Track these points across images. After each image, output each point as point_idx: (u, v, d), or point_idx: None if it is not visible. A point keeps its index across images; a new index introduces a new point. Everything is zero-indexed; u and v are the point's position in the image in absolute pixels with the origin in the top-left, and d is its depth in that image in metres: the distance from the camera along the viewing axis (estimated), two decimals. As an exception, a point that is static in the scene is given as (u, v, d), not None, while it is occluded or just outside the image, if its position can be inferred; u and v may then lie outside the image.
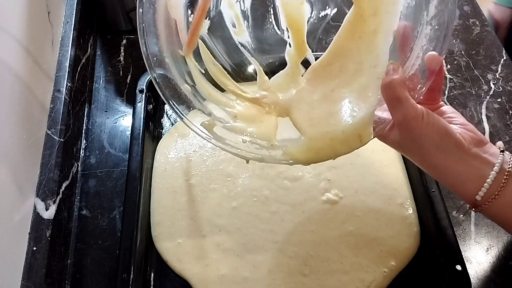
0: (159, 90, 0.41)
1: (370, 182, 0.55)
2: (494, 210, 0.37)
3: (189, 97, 0.42)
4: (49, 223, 0.48)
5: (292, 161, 0.41)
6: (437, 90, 0.40)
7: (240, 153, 0.41)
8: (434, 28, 0.36)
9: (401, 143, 0.38)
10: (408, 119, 0.36)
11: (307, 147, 0.40)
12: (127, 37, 0.72)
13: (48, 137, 0.53)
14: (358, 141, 0.39)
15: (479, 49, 0.70)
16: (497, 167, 0.36)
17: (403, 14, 0.39)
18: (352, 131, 0.39)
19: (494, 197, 0.36)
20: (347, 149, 0.40)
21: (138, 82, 0.60)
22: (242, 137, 0.42)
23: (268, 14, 0.48)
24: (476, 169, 0.37)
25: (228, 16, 0.47)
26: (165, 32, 0.41)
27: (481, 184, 0.36)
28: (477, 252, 0.51)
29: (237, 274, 0.49)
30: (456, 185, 0.38)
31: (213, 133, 0.42)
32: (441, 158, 0.37)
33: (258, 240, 0.51)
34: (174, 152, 0.59)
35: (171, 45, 0.41)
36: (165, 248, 0.51)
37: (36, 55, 0.55)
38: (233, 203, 0.54)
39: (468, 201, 0.38)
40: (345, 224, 0.52)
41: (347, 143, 0.40)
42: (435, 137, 0.36)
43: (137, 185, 0.51)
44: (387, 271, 0.49)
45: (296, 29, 0.45)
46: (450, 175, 0.37)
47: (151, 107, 0.61)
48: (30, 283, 0.44)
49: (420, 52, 0.37)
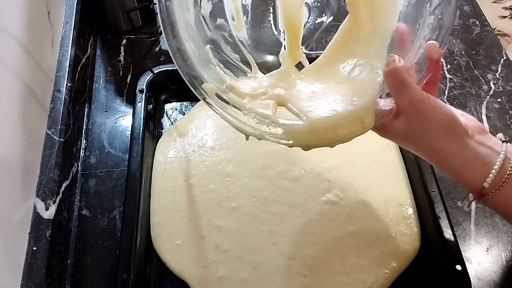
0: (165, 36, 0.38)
1: (370, 182, 0.55)
2: (500, 199, 0.36)
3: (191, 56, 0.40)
4: (49, 223, 0.48)
5: (292, 142, 0.40)
6: (434, 83, 0.40)
7: (240, 125, 0.40)
8: (437, 18, 0.36)
9: (406, 131, 0.38)
10: (415, 102, 0.36)
11: (309, 129, 0.39)
12: (127, 37, 0.72)
13: (48, 137, 0.53)
14: (361, 127, 0.39)
15: (479, 49, 0.70)
16: (502, 155, 0.36)
17: (403, 12, 0.39)
18: (354, 116, 0.39)
19: (502, 184, 0.36)
20: (349, 134, 0.39)
21: (138, 82, 0.60)
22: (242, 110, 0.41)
23: (268, 13, 0.48)
24: (482, 155, 0.36)
25: (229, 8, 0.46)
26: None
27: (488, 171, 0.36)
28: (477, 252, 0.51)
29: (236, 276, 0.49)
30: (461, 172, 0.37)
31: (214, 99, 0.40)
32: (447, 142, 0.36)
33: (258, 241, 0.51)
34: (174, 152, 0.59)
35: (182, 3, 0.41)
36: (164, 249, 0.51)
37: (36, 55, 0.55)
38: (233, 203, 0.54)
39: (474, 189, 0.37)
40: (345, 225, 0.52)
41: (349, 127, 0.39)
42: (442, 120, 0.36)
43: (137, 185, 0.51)
44: (389, 273, 0.49)
45: (293, 33, 0.45)
46: (456, 161, 0.37)
47: (151, 107, 0.61)
48: (30, 283, 0.44)
49: (423, 42, 0.37)
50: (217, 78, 0.42)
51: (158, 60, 0.69)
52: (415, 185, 0.54)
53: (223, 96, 0.41)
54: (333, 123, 0.39)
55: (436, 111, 0.36)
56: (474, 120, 0.39)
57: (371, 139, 0.58)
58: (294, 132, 0.39)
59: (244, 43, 0.48)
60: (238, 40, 0.47)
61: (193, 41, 0.41)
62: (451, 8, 0.35)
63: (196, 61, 0.40)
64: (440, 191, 0.50)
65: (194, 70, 0.40)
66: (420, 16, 0.37)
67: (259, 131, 0.40)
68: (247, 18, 0.48)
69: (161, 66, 0.63)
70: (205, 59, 0.43)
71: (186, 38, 0.40)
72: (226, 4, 0.46)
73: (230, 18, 0.47)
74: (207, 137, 0.60)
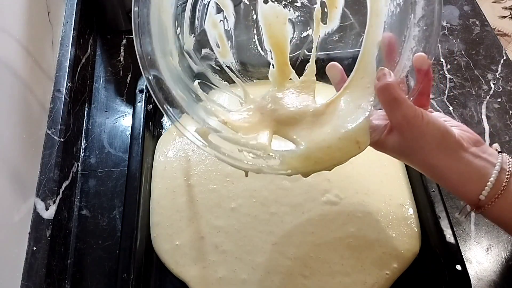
0: (152, 91, 0.40)
1: (370, 182, 0.55)
2: (497, 210, 0.36)
3: (180, 103, 0.41)
4: (49, 223, 0.48)
5: (291, 171, 0.40)
6: (426, 95, 0.40)
7: (236, 163, 0.40)
8: (422, 29, 0.36)
9: (401, 146, 0.38)
10: (408, 118, 0.36)
11: (304, 156, 0.39)
12: (127, 37, 0.72)
13: (48, 137, 0.53)
14: (357, 148, 0.39)
15: (479, 49, 0.70)
16: (498, 166, 0.36)
17: (387, 23, 0.39)
18: (349, 138, 0.39)
19: (498, 196, 0.36)
20: (345, 156, 0.39)
21: (138, 82, 0.60)
22: (237, 146, 0.41)
23: (252, 34, 0.48)
24: (478, 168, 0.36)
25: (212, 36, 0.47)
26: (158, 33, 0.40)
27: (484, 183, 0.36)
28: (477, 252, 0.51)
29: (236, 276, 0.49)
30: (458, 185, 0.37)
31: (208, 141, 0.40)
32: (442, 157, 0.36)
33: (257, 241, 0.51)
34: (173, 151, 0.59)
35: (163, 46, 0.41)
36: (163, 250, 0.51)
37: (36, 55, 0.55)
38: (232, 204, 0.54)
39: (470, 201, 0.37)
40: (346, 225, 0.52)
41: (345, 149, 0.39)
42: (436, 135, 0.36)
43: (137, 185, 0.51)
44: (390, 273, 0.48)
45: (280, 51, 0.45)
46: (452, 175, 0.37)
47: (151, 107, 0.61)
48: (30, 283, 0.44)
49: (410, 54, 0.37)
50: (208, 116, 0.42)
51: (158, 60, 0.69)
52: (415, 185, 0.54)
53: (216, 136, 0.41)
54: (328, 147, 0.39)
55: (430, 127, 0.36)
56: (469, 132, 0.38)
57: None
58: (290, 161, 0.39)
59: (232, 68, 0.49)
60: (226, 66, 0.48)
61: (180, 85, 0.41)
62: (435, 20, 0.35)
63: (185, 105, 0.40)
64: (440, 191, 0.50)
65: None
66: (405, 28, 0.37)
67: (256, 166, 0.39)
68: (232, 43, 0.48)
69: (161, 66, 0.63)
70: (194, 98, 0.43)
71: (172, 85, 0.40)
72: (208, 33, 0.46)
73: (215, 45, 0.47)
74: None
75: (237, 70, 0.49)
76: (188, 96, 0.42)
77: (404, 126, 0.36)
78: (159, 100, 0.40)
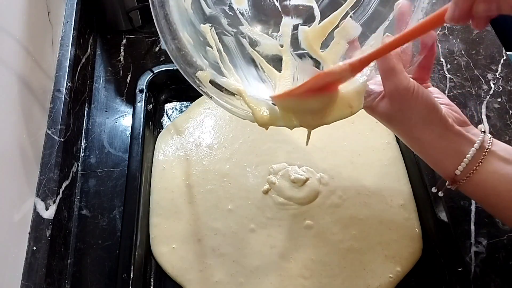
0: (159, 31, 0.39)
1: (371, 182, 0.55)
2: (471, 186, 0.38)
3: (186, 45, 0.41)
4: (49, 223, 0.48)
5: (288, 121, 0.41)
6: (427, 68, 0.41)
7: (233, 110, 0.41)
8: (431, 2, 0.37)
9: (390, 114, 0.39)
10: (399, 90, 0.37)
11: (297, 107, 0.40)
12: (127, 37, 0.72)
13: (48, 137, 0.53)
14: (349, 112, 0.40)
15: (479, 49, 0.70)
16: (477, 144, 0.38)
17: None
18: (344, 100, 0.40)
19: (472, 172, 0.38)
20: (339, 116, 0.40)
21: (138, 82, 0.60)
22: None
23: None
24: (457, 145, 0.38)
25: None
26: None
27: (461, 160, 0.38)
28: (477, 252, 0.51)
29: (233, 280, 0.48)
30: (437, 160, 0.40)
31: (208, 85, 0.42)
32: (426, 132, 0.38)
33: (255, 244, 0.50)
34: (172, 150, 0.58)
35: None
36: (160, 253, 0.50)
37: (36, 55, 0.55)
38: (229, 205, 0.53)
39: (447, 176, 0.39)
40: (348, 228, 0.51)
41: (339, 109, 0.40)
42: (422, 110, 0.38)
43: (137, 184, 0.51)
44: (393, 277, 0.48)
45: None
46: (432, 150, 0.39)
47: (151, 107, 0.61)
48: (30, 283, 0.44)
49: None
50: (215, 62, 0.43)
51: (158, 60, 0.69)
52: (415, 185, 0.54)
53: (217, 82, 0.42)
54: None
55: (418, 101, 0.37)
56: (458, 112, 0.40)
57: (371, 138, 0.59)
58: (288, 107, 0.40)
59: (245, 15, 0.48)
60: (239, 13, 0.47)
61: (188, 27, 0.42)
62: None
63: (191, 49, 0.41)
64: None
65: (188, 60, 0.41)
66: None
67: (250, 114, 0.41)
68: None
69: (161, 66, 0.63)
70: (202, 42, 0.44)
71: (180, 26, 0.40)
72: None
73: None
74: (204, 135, 0.60)
75: (249, 18, 0.48)
76: (196, 38, 0.43)
77: (394, 96, 0.38)
78: (167, 41, 0.40)
